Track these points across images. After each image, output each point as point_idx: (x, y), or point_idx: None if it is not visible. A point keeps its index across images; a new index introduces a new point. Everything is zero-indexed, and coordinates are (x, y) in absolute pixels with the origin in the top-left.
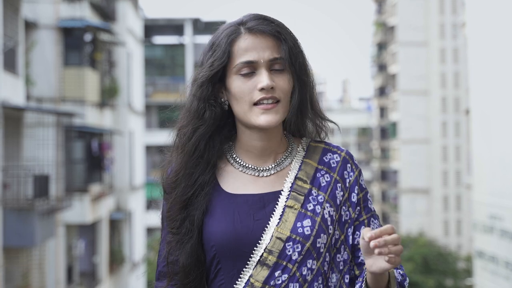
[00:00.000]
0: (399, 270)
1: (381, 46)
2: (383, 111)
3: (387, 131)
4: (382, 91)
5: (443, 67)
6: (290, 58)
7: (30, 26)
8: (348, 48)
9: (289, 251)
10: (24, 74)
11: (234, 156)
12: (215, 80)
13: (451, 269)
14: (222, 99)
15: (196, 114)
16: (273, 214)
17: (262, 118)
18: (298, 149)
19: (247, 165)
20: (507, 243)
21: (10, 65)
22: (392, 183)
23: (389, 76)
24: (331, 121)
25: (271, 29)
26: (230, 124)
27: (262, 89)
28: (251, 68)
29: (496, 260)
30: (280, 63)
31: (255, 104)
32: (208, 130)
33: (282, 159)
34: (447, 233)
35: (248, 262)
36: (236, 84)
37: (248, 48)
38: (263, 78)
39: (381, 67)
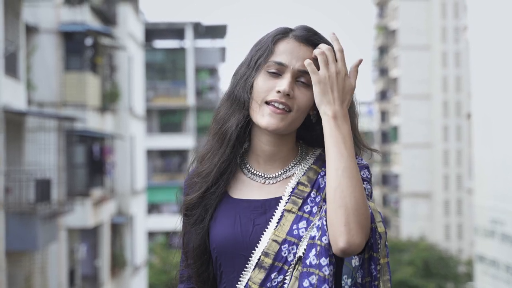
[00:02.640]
0: None
1: (383, 50)
2: (384, 115)
3: (388, 135)
4: (383, 95)
5: (445, 71)
6: None
7: (31, 30)
8: (349, 51)
9: (284, 253)
10: (25, 79)
11: (245, 162)
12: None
13: (452, 273)
14: None
15: (239, 105)
16: (272, 219)
17: (266, 119)
18: (307, 157)
19: (256, 172)
20: (508, 247)
21: (11, 70)
22: (393, 187)
23: (391, 80)
24: (373, 150)
25: (314, 42)
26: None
27: (278, 92)
28: (279, 70)
29: (497, 264)
30: (308, 78)
31: (267, 103)
32: (245, 119)
33: (290, 166)
34: (448, 237)
35: (246, 265)
36: (261, 79)
37: (286, 51)
38: (284, 83)
39: (383, 71)
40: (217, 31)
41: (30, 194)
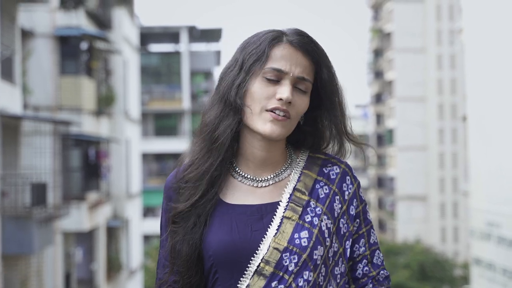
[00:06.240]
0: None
1: (378, 53)
2: (379, 118)
3: (384, 138)
4: (378, 98)
5: (440, 74)
6: (319, 84)
7: (26, 34)
8: (344, 54)
9: (285, 262)
10: (21, 83)
11: (234, 166)
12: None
13: (448, 276)
14: None
15: (232, 110)
16: (270, 224)
17: (268, 126)
18: (297, 160)
19: (246, 176)
20: (504, 250)
21: (7, 74)
22: (388, 190)
23: (386, 83)
24: (366, 144)
25: (310, 50)
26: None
27: (280, 100)
28: (278, 77)
29: (493, 267)
30: (306, 85)
31: (267, 110)
32: (236, 125)
33: (282, 170)
34: (444, 240)
35: (245, 272)
36: (259, 85)
37: (284, 57)
38: (285, 90)
39: (378, 74)
40: (212, 35)
41: (26, 198)
